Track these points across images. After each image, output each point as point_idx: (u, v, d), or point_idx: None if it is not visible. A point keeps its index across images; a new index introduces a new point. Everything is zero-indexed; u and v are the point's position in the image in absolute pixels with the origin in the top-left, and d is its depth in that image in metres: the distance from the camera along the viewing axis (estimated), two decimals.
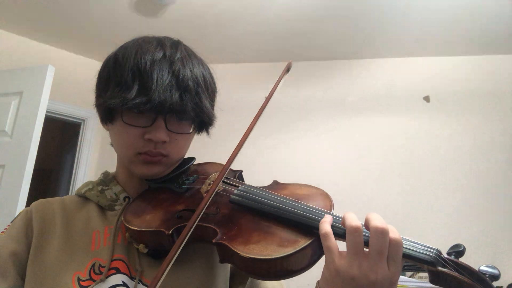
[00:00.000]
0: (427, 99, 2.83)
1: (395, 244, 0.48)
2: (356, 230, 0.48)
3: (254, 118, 0.64)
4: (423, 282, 1.94)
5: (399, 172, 2.73)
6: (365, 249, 0.49)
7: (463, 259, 0.50)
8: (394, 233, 0.48)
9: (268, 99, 0.64)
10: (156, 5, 2.56)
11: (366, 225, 0.50)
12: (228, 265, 0.70)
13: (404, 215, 2.58)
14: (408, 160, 2.74)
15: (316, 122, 2.99)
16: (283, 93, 3.11)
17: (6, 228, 0.68)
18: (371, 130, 2.87)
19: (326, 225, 0.51)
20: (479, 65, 2.79)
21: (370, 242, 0.48)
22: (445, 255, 0.50)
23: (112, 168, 0.80)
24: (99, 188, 0.73)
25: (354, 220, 0.49)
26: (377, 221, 0.48)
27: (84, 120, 3.29)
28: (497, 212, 2.51)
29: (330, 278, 0.49)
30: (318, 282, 0.52)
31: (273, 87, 0.65)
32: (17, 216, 0.70)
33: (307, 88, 3.09)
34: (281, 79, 0.66)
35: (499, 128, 2.66)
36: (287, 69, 0.69)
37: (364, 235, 0.49)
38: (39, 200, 0.72)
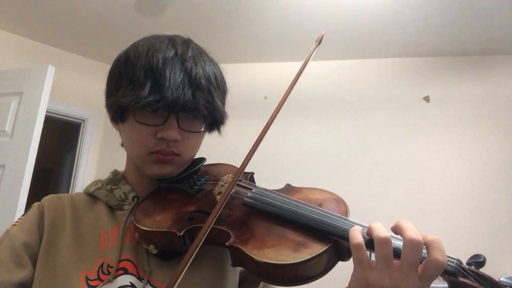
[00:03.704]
0: (427, 99, 2.83)
1: (440, 268, 0.44)
2: (385, 241, 0.46)
3: (274, 111, 0.63)
4: None
5: (406, 177, 2.73)
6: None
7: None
8: (442, 255, 0.45)
9: (298, 74, 0.62)
10: (156, 5, 2.56)
11: (396, 231, 0.48)
12: (238, 269, 0.69)
13: (412, 218, 2.57)
14: (412, 164, 2.74)
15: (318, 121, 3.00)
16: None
17: (17, 222, 0.67)
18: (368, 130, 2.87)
19: (358, 235, 0.48)
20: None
21: (403, 254, 0.45)
22: (466, 265, 0.48)
23: (112, 168, 0.79)
24: (108, 187, 0.73)
25: (382, 230, 0.47)
26: (411, 231, 0.46)
27: (84, 120, 3.29)
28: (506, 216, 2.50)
29: None
30: None
31: (305, 60, 0.63)
32: (29, 210, 0.69)
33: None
34: (313, 51, 0.64)
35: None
36: (319, 41, 0.66)
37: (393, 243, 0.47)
38: (50, 196, 0.71)
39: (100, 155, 3.35)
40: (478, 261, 0.49)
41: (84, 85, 3.16)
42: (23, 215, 0.68)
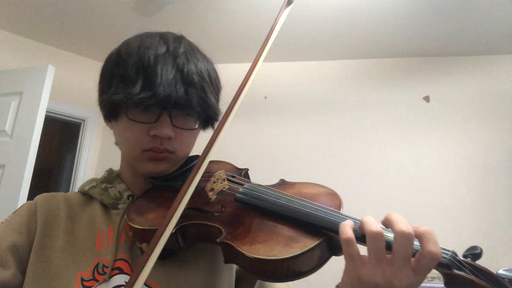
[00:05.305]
0: (427, 99, 2.83)
1: (434, 260, 0.43)
2: (377, 236, 0.44)
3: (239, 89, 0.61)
4: (426, 282, 1.95)
5: (404, 173, 2.73)
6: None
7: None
8: (435, 246, 0.43)
9: (268, 37, 0.60)
10: (156, 5, 2.55)
11: (386, 225, 0.46)
12: (234, 267, 0.69)
13: (411, 215, 2.57)
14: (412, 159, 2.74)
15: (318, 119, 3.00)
16: (284, 92, 3.11)
17: (6, 219, 0.66)
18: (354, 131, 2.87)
19: (348, 229, 0.46)
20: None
21: (394, 247, 0.44)
22: (461, 258, 0.47)
23: (112, 167, 0.79)
24: (103, 186, 0.72)
25: (374, 224, 0.45)
26: (401, 224, 0.44)
27: (84, 120, 3.29)
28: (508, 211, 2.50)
29: (351, 285, 0.47)
30: (336, 286, 0.50)
31: (274, 22, 0.60)
32: (20, 207, 0.68)
33: (299, 86, 3.09)
34: (282, 12, 0.61)
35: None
36: (288, 2, 0.63)
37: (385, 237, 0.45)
38: (44, 194, 0.70)
39: (100, 155, 3.35)
40: (474, 253, 0.47)
41: (84, 85, 3.16)
42: (13, 213, 0.67)
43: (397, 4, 2.36)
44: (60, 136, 4.48)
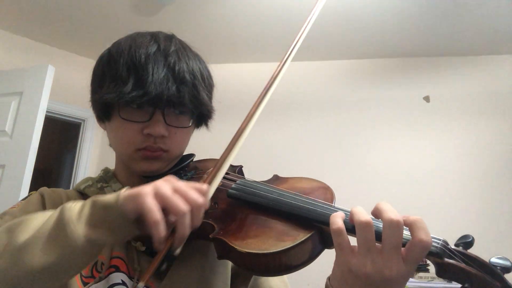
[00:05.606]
0: (427, 99, 2.83)
1: (425, 248, 0.43)
2: (366, 225, 0.44)
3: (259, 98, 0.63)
4: (422, 282, 1.94)
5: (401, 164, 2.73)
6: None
7: (471, 251, 0.47)
8: (426, 234, 0.43)
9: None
10: (156, 5, 2.56)
11: (376, 215, 0.46)
12: (229, 264, 0.69)
13: (406, 206, 2.57)
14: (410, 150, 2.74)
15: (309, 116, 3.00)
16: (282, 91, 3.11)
17: (17, 205, 0.66)
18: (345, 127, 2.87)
19: (338, 220, 0.46)
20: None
21: (384, 236, 0.44)
22: (453, 246, 0.47)
23: (112, 167, 0.79)
24: (99, 185, 0.72)
25: (363, 214, 0.46)
26: (390, 213, 0.44)
27: (84, 120, 3.29)
28: (505, 200, 2.51)
29: (342, 276, 0.47)
30: (328, 278, 0.50)
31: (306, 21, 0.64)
32: (29, 196, 0.68)
33: (303, 85, 3.09)
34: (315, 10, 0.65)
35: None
36: None
37: (375, 227, 0.45)
38: (46, 188, 0.71)
39: (100, 155, 3.35)
40: (466, 241, 0.47)
41: (84, 85, 3.11)
42: (23, 199, 0.68)
43: (397, 4, 2.36)
44: (60, 136, 4.48)
